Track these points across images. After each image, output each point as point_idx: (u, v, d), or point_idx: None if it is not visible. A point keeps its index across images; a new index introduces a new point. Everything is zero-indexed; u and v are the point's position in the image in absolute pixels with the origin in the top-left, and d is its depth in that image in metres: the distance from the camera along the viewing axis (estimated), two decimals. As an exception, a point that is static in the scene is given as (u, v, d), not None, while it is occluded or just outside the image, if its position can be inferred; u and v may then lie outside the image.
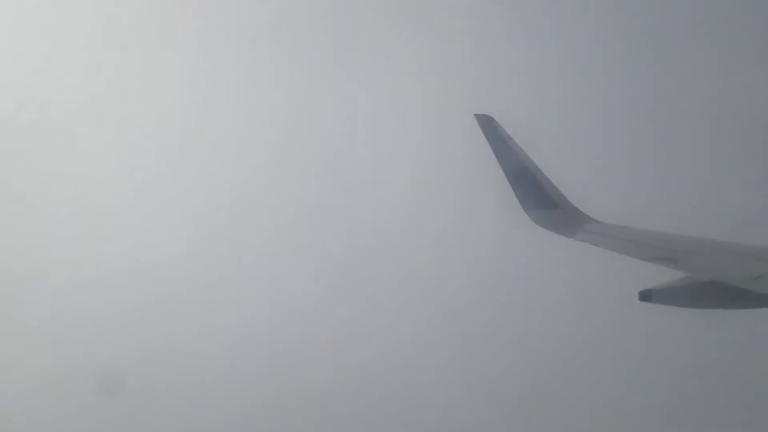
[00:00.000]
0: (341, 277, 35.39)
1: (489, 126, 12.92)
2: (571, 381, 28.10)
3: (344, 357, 30.12)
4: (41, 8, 34.61)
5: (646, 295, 6.96)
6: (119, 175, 33.37)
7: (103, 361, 27.61)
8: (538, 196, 12.60)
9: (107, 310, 28.64)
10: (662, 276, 7.37)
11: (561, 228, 11.77)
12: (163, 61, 34.42)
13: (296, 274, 33.36)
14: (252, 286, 32.92)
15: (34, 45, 33.91)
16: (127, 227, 32.41)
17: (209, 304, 31.15)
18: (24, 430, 26.49)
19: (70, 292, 29.45)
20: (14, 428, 27.24)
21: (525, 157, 12.76)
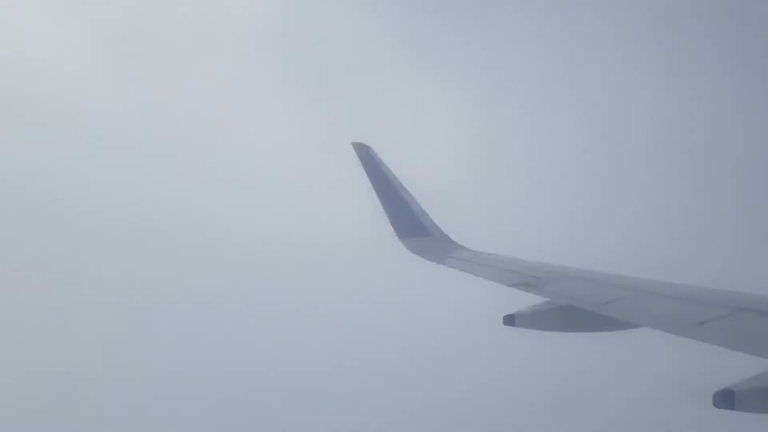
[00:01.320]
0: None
1: (366, 155, 13.12)
2: (437, 399, 28.69)
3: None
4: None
5: (509, 320, 7.20)
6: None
7: None
8: (411, 223, 12.90)
9: None
10: (527, 301, 7.73)
11: (432, 255, 12.09)
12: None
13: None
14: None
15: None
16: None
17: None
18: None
19: None
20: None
21: (399, 186, 13.05)
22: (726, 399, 4.38)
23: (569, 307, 7.05)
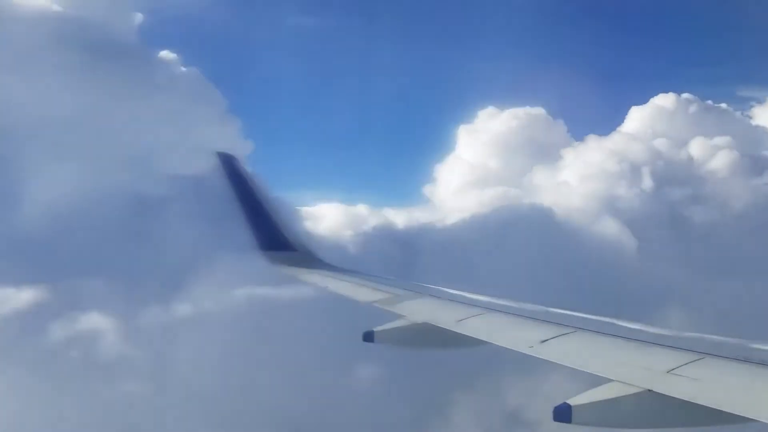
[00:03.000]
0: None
1: (230, 164, 12.81)
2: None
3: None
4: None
5: (369, 336, 7.29)
6: None
7: None
8: (274, 236, 12.73)
9: None
10: (386, 318, 7.87)
11: (294, 269, 12.01)
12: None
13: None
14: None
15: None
16: None
17: None
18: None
19: None
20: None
21: (264, 197, 12.84)
22: (564, 413, 4.56)
23: (426, 324, 7.27)
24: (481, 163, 68.57)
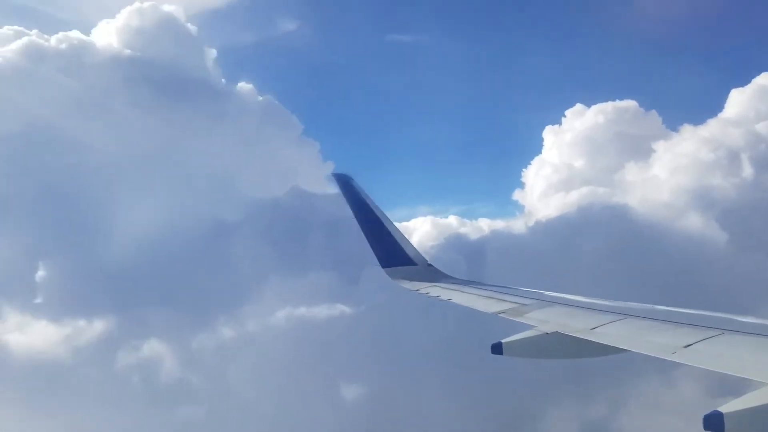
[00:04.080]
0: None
1: (347, 185, 13.14)
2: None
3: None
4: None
5: (497, 348, 7.16)
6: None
7: None
8: (394, 252, 12.88)
9: None
10: (512, 329, 7.71)
11: (418, 283, 12.07)
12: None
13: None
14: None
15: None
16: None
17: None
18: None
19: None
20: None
21: (382, 215, 13.05)
22: (715, 422, 4.27)
23: (556, 334, 7.04)
24: (567, 164, 66.41)
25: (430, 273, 12.73)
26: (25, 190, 47.91)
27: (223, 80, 65.07)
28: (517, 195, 71.53)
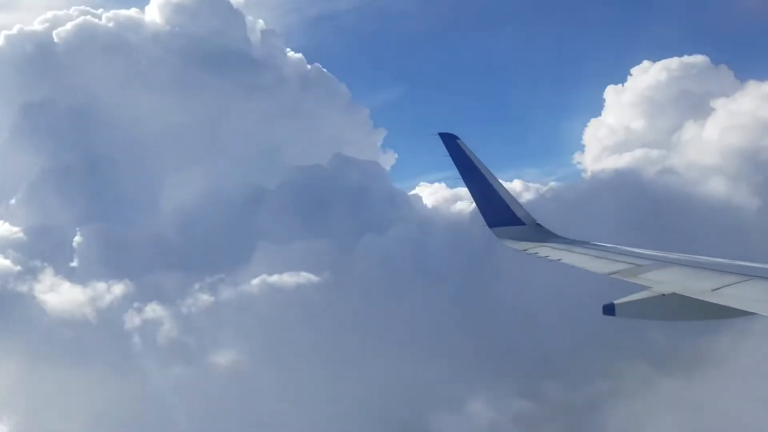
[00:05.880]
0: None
1: (453, 145, 13.01)
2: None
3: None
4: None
5: (609, 309, 6.92)
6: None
7: None
8: (502, 212, 12.70)
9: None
10: (621, 290, 7.44)
11: (524, 243, 11.87)
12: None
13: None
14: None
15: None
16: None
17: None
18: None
19: None
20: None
21: (489, 175, 12.86)
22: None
23: (673, 295, 6.71)
24: (625, 125, 62.56)
25: (539, 233, 12.46)
26: (77, 161, 52.01)
27: (270, 50, 66.04)
28: (577, 158, 69.45)
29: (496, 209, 12.75)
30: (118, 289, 44.22)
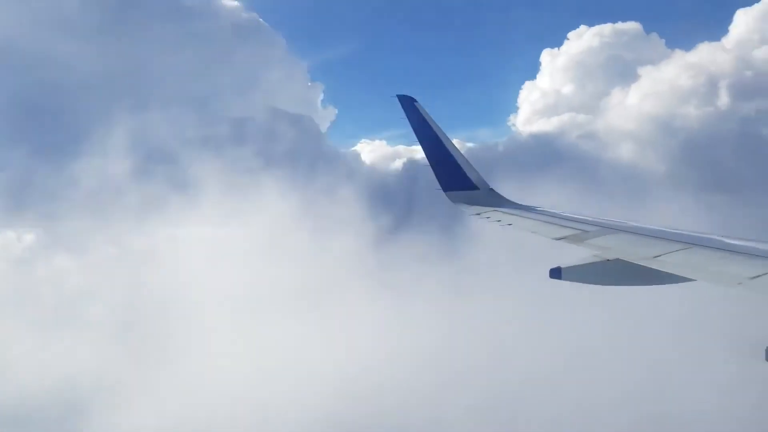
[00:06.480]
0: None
1: (410, 107, 13.01)
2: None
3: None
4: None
5: (556, 273, 7.16)
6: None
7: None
8: (456, 176, 12.85)
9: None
10: (569, 254, 7.69)
11: (479, 207, 12.08)
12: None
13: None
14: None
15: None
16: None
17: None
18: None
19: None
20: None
21: (445, 139, 12.94)
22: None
23: (617, 261, 6.99)
24: (556, 90, 64.79)
25: (492, 197, 12.69)
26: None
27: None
28: (512, 119, 72.16)
29: (451, 174, 12.89)
30: (29, 238, 43.31)
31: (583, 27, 68.55)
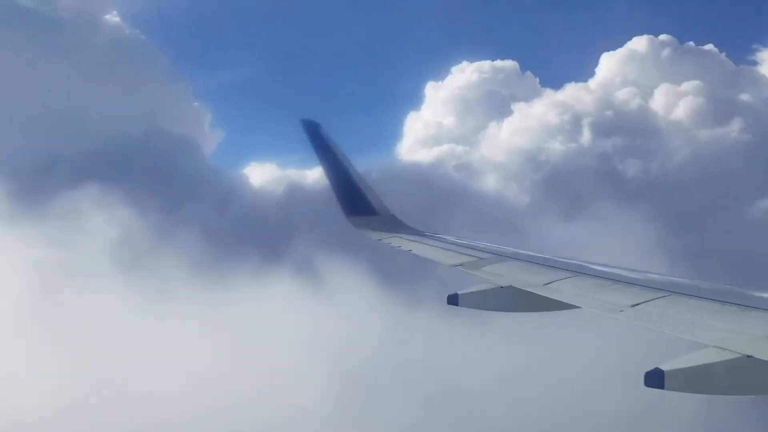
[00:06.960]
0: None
1: (314, 132, 13.02)
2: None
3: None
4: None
5: (453, 299, 7.31)
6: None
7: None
8: (358, 201, 12.94)
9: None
10: (468, 282, 7.88)
11: (380, 233, 12.17)
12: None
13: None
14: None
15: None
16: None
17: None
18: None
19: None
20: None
21: (348, 164, 13.03)
22: (656, 378, 4.40)
23: (510, 288, 7.22)
24: (437, 121, 70.01)
25: (393, 223, 12.85)
26: None
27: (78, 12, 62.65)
28: (398, 148, 76.02)
29: (353, 199, 12.97)
30: None
31: (465, 62, 72.72)
